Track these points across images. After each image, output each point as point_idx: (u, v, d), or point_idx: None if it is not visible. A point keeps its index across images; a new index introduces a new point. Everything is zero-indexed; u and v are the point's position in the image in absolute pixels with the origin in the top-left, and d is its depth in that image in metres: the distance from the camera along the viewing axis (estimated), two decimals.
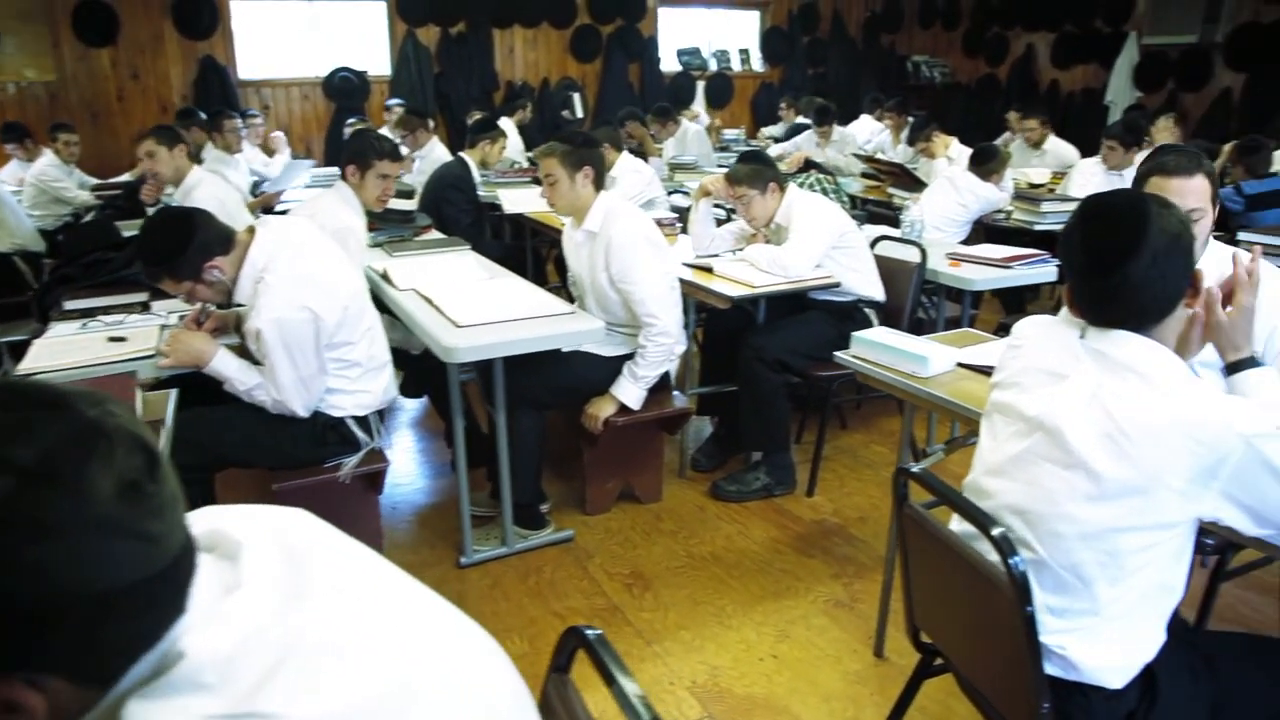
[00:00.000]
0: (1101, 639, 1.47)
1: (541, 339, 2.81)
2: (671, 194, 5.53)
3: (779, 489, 3.46)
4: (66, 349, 2.64)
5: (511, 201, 5.22)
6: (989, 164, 4.72)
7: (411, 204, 4.51)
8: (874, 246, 3.74)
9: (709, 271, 3.50)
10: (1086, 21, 9.50)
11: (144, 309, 3.04)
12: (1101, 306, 1.48)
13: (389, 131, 6.98)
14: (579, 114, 9.52)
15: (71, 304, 3.03)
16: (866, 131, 8.00)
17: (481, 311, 2.88)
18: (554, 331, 2.83)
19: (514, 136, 7.38)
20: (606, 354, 3.14)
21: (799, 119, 8.27)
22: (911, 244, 3.71)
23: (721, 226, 3.90)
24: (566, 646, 1.09)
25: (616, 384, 3.10)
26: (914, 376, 2.34)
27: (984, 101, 10.39)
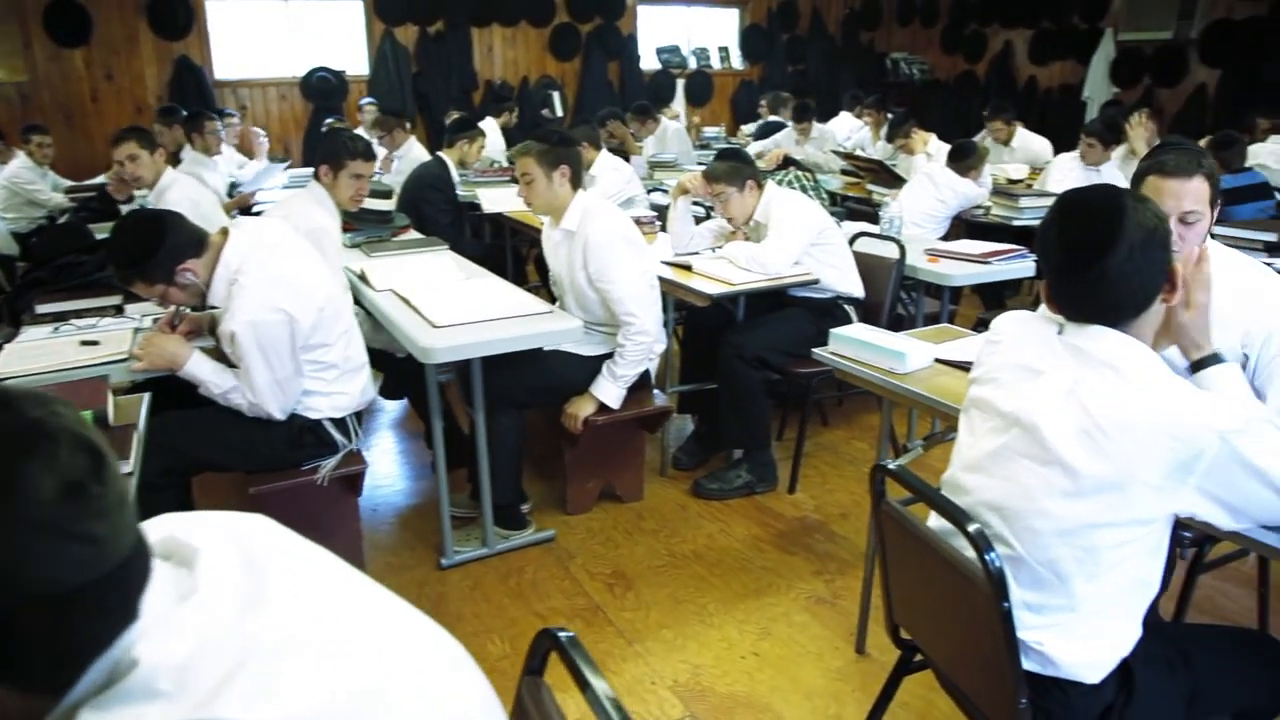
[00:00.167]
0: (1079, 634, 1.48)
1: (519, 338, 2.79)
2: (651, 192, 5.52)
3: (760, 486, 3.46)
4: (38, 353, 2.60)
5: (491, 201, 5.20)
6: (967, 160, 4.73)
7: (390, 204, 4.47)
8: (853, 243, 3.74)
9: (688, 269, 3.49)
10: (1063, 18, 9.58)
11: (117, 312, 3.01)
12: (1078, 301, 1.48)
13: (364, 131, 6.94)
14: (559, 113, 9.50)
15: (43, 308, 3.00)
16: (846, 128, 8.03)
17: (459, 311, 2.87)
18: (532, 331, 2.82)
19: (496, 136, 7.35)
20: (586, 353, 3.13)
21: (771, 117, 8.30)
22: (890, 240, 3.72)
23: (700, 224, 3.89)
24: (540, 649, 1.08)
25: (596, 383, 3.09)
26: (891, 373, 2.34)
27: (962, 98, 10.45)
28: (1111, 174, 5.06)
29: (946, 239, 4.48)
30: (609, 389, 3.09)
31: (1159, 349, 1.53)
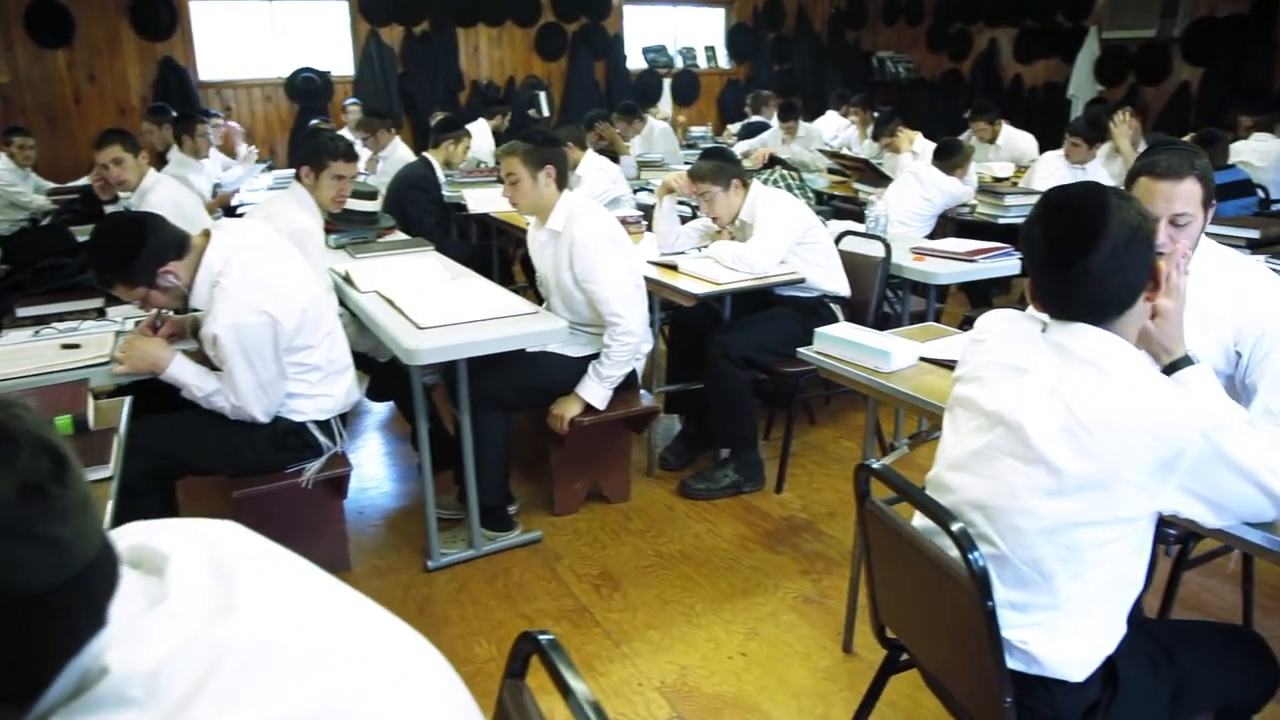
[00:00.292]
0: (1063, 633, 1.48)
1: (505, 339, 2.78)
2: (638, 192, 5.52)
3: (748, 486, 3.45)
4: (18, 356, 2.58)
5: (477, 201, 5.18)
6: (953, 158, 4.75)
7: (375, 205, 4.45)
8: (839, 242, 3.75)
9: (674, 269, 3.49)
10: (1048, 17, 9.62)
11: (99, 315, 2.99)
12: (1062, 299, 1.49)
13: (349, 132, 6.91)
14: (545, 113, 9.48)
15: (24, 311, 2.98)
16: (832, 127, 8.04)
17: (443, 312, 2.85)
18: (517, 332, 2.81)
19: (486, 138, 7.33)
20: (573, 354, 3.12)
21: (754, 117, 8.31)
22: (876, 239, 3.72)
23: (686, 224, 3.89)
24: (521, 652, 1.07)
25: (582, 384, 3.08)
26: (877, 372, 2.34)
27: (948, 96, 10.48)
28: (1096, 172, 5.08)
29: (932, 237, 4.49)
30: (595, 389, 3.08)
31: (1141, 347, 1.53)
